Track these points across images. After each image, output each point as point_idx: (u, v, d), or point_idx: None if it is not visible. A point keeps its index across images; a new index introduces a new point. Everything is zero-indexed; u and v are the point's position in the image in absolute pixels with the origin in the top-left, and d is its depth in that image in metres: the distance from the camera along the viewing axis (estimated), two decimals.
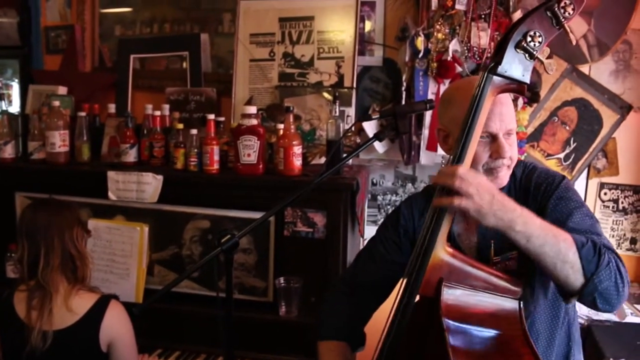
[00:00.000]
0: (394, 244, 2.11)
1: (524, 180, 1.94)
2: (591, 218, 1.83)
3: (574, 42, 1.68)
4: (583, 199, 3.17)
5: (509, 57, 1.63)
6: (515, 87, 1.67)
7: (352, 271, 2.23)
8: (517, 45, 1.63)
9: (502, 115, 1.81)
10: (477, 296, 1.67)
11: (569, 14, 1.62)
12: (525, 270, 1.83)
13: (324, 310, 2.19)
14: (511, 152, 1.83)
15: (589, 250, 1.63)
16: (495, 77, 1.65)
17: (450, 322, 1.60)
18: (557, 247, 1.60)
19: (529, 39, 1.62)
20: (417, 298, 1.69)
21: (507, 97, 1.85)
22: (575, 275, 1.61)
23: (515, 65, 1.64)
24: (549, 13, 1.63)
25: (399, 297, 1.71)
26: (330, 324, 2.11)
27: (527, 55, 1.63)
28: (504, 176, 1.86)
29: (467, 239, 1.96)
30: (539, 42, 1.62)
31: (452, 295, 1.64)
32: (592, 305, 1.67)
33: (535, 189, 1.91)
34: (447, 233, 1.66)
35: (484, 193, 1.57)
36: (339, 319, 2.11)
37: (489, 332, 1.66)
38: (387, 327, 1.73)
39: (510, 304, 1.69)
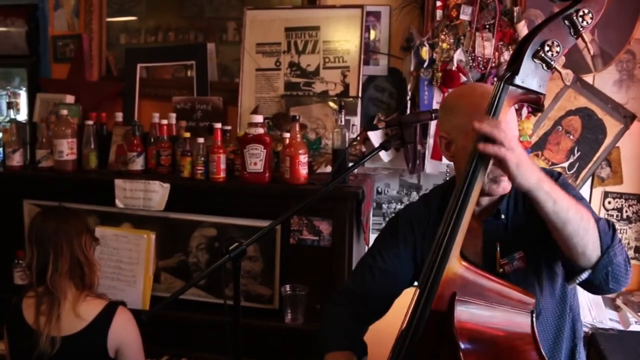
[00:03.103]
0: (393, 255, 2.10)
1: None
2: (589, 209, 1.83)
3: (591, 52, 1.67)
4: None
5: (526, 67, 1.59)
6: (531, 98, 1.64)
7: (351, 284, 2.22)
8: (535, 55, 1.59)
9: (506, 123, 1.78)
10: (490, 310, 1.64)
11: (587, 23, 1.59)
12: (534, 268, 1.85)
13: (324, 324, 2.18)
14: None
15: (605, 223, 1.66)
16: (511, 88, 1.60)
17: (464, 337, 1.58)
18: (581, 215, 1.61)
19: (546, 48, 1.58)
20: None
21: None
22: (593, 246, 1.63)
23: (532, 76, 1.60)
24: (567, 22, 1.60)
25: (410, 311, 1.68)
26: (334, 335, 2.09)
27: (544, 65, 1.59)
28: (508, 185, 1.87)
29: (472, 245, 1.95)
30: (556, 51, 1.59)
31: (465, 310, 1.61)
32: (603, 282, 1.68)
33: None
34: (461, 244, 1.63)
35: (521, 149, 1.57)
36: (341, 331, 2.10)
37: (501, 347, 1.63)
38: (398, 341, 1.71)
39: (522, 317, 1.67)
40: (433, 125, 3.15)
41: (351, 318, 2.12)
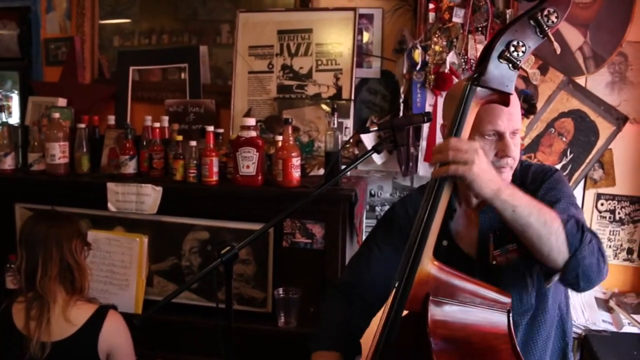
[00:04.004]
0: (389, 246, 2.10)
1: (521, 176, 1.97)
2: (576, 208, 1.86)
3: (557, 51, 1.65)
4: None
5: (492, 67, 1.61)
6: (498, 98, 1.65)
7: (346, 276, 2.22)
8: (500, 56, 1.60)
9: (511, 115, 1.82)
10: (464, 310, 1.64)
11: (553, 22, 1.60)
12: (526, 262, 1.85)
13: (320, 319, 2.17)
14: (515, 152, 1.85)
15: (573, 225, 1.66)
16: (478, 88, 1.62)
17: (437, 338, 1.58)
18: (543, 218, 1.62)
19: (512, 48, 1.59)
20: (405, 313, 1.66)
21: (515, 98, 1.85)
22: (559, 249, 1.63)
23: (498, 76, 1.61)
24: (532, 22, 1.60)
25: (385, 312, 1.68)
26: (326, 334, 2.08)
27: (510, 65, 1.60)
28: (508, 176, 1.88)
29: (468, 235, 1.97)
30: (522, 51, 1.60)
31: (439, 310, 1.62)
32: (574, 283, 1.69)
33: (531, 183, 1.94)
34: (433, 245, 1.64)
35: (478, 161, 1.57)
36: (335, 328, 2.08)
37: (477, 347, 1.63)
38: (374, 343, 1.70)
39: (499, 317, 1.67)
40: (426, 127, 3.15)
41: (349, 314, 2.11)
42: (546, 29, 1.60)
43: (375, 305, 2.12)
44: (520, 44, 1.60)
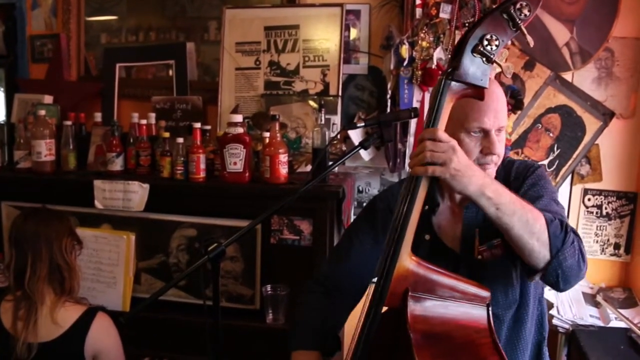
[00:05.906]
0: (370, 238, 2.09)
1: (504, 173, 1.97)
2: (557, 204, 1.86)
3: (531, 44, 1.66)
4: (567, 204, 3.23)
5: (466, 61, 1.60)
6: (473, 92, 1.65)
7: (327, 270, 2.18)
8: (474, 50, 1.60)
9: (497, 112, 1.82)
10: (444, 305, 1.65)
11: (525, 15, 1.60)
12: (511, 256, 1.84)
13: (298, 315, 2.13)
14: (500, 149, 1.86)
15: (557, 226, 1.67)
16: (453, 83, 1.62)
17: (418, 333, 1.59)
18: (526, 218, 1.63)
19: (485, 42, 1.59)
20: (384, 309, 1.66)
21: (502, 94, 1.86)
22: (540, 249, 1.64)
23: (472, 70, 1.61)
24: (505, 15, 1.60)
25: (365, 309, 1.67)
26: (305, 332, 2.04)
27: (484, 59, 1.60)
28: (492, 173, 1.88)
29: (451, 230, 1.97)
30: (496, 45, 1.60)
31: (419, 306, 1.63)
32: (554, 283, 1.70)
33: (515, 180, 1.95)
34: (411, 240, 1.64)
35: (456, 159, 1.59)
36: (315, 326, 2.04)
37: (458, 342, 1.64)
38: (354, 340, 1.69)
39: (478, 311, 1.68)
40: (413, 123, 3.15)
41: (328, 308, 2.08)
42: (519, 22, 1.60)
43: (356, 297, 2.10)
44: (494, 37, 1.60)
